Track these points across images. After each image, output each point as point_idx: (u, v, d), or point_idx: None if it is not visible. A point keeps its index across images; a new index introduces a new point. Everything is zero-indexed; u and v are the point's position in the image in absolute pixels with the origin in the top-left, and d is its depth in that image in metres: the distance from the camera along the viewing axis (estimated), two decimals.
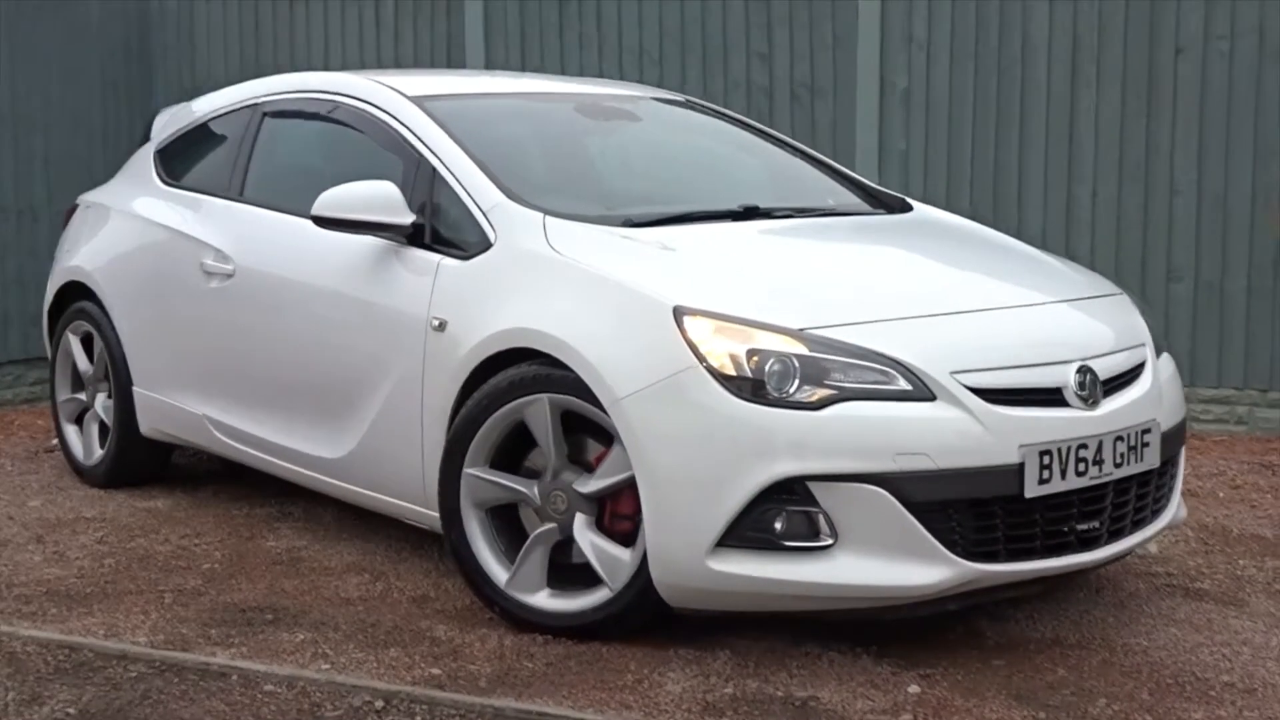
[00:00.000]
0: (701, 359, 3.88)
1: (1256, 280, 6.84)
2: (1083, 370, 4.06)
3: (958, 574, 3.85)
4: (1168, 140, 6.93)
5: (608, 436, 4.14)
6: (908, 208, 5.18)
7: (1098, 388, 4.07)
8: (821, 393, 3.83)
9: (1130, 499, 4.18)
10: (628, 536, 4.15)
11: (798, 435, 3.81)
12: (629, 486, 4.06)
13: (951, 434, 3.83)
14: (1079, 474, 3.98)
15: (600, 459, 4.19)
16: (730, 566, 3.87)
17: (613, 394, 3.96)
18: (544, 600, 4.25)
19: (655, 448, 3.91)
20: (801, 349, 3.88)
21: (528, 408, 4.20)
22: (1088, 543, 4.08)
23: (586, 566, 4.23)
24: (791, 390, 3.84)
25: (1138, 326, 4.47)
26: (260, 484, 5.71)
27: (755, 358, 3.87)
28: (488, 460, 4.31)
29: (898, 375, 3.86)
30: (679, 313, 3.95)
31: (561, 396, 4.14)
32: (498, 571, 4.31)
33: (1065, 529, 4.02)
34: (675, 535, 3.91)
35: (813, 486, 3.82)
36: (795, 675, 3.97)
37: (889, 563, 3.82)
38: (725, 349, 3.89)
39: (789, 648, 4.14)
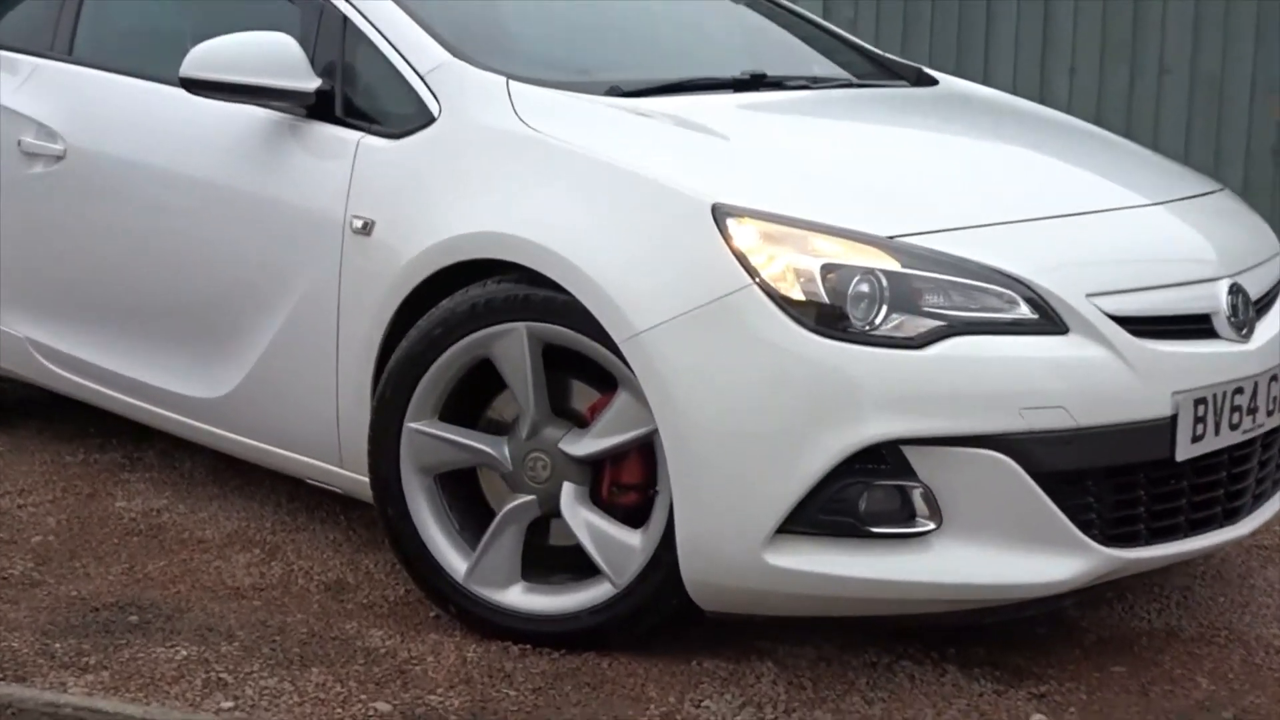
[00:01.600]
0: (755, 276, 2.82)
1: (1253, 173, 6.02)
2: (1235, 290, 3.10)
3: (1096, 564, 2.89)
4: (1158, 12, 6.04)
5: (604, 379, 3.07)
6: (931, 80, 4.15)
7: (1250, 311, 3.12)
8: (923, 325, 2.81)
9: (1274, 455, 3.26)
10: (634, 513, 3.09)
11: (892, 383, 2.78)
12: (639, 447, 3.00)
13: (1093, 379, 2.85)
14: (1232, 427, 3.04)
15: (597, 409, 3.11)
16: (795, 561, 2.85)
17: (629, 326, 2.88)
18: (518, 598, 3.18)
19: (690, 400, 2.84)
20: (893, 264, 2.84)
21: (497, 341, 3.09)
22: (1230, 514, 3.14)
23: (571, 550, 3.17)
24: (880, 321, 2.80)
25: (1264, 230, 3.53)
26: (98, 418, 4.47)
27: (832, 275, 2.82)
28: (437, 411, 3.20)
29: (1019, 300, 2.85)
30: (720, 213, 2.88)
31: (547, 326, 3.04)
32: (453, 560, 3.21)
33: (1211, 499, 3.08)
34: (718, 519, 2.86)
35: (910, 453, 2.80)
36: (872, 698, 2.98)
37: (1009, 553, 2.84)
38: (788, 263, 2.83)
39: (845, 655, 3.14)
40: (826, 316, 2.80)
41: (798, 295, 2.81)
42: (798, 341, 2.80)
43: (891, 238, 2.88)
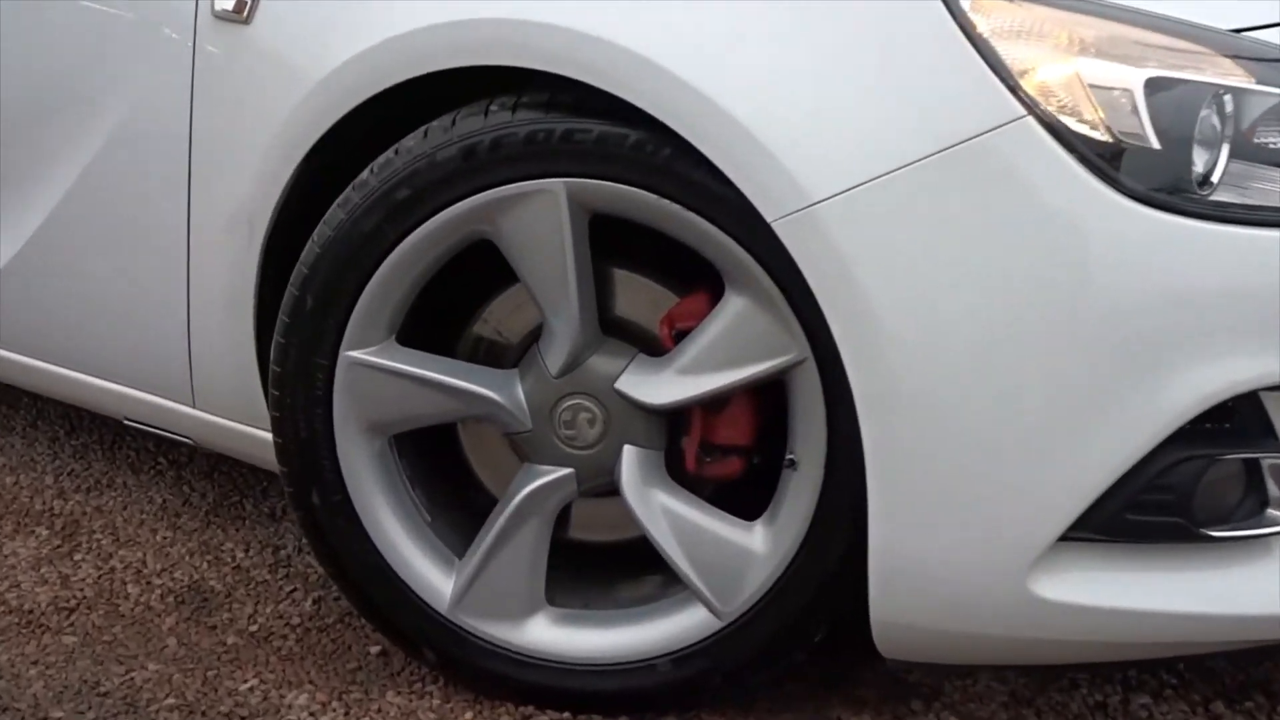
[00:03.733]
0: (1028, 101, 1.57)
1: None
2: None
3: None
4: None
5: (671, 272, 1.82)
6: None
7: None
8: None
9: None
10: (729, 493, 1.87)
11: (1262, 292, 1.59)
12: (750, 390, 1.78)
13: None
14: None
15: (679, 323, 1.84)
16: (1078, 591, 1.67)
17: (795, 192, 1.60)
18: (545, 634, 1.92)
19: (903, 319, 1.60)
20: (1248, 81, 1.62)
21: (509, 212, 1.77)
22: None
23: (612, 552, 1.95)
24: (1226, 181, 1.60)
25: None
26: None
27: (1162, 97, 1.59)
28: (394, 330, 1.87)
29: None
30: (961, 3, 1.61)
31: (604, 187, 1.74)
32: (427, 575, 1.93)
33: None
34: (948, 516, 1.65)
35: (1274, 406, 1.63)
36: None
37: None
38: (1082, 79, 1.59)
39: (1049, 693, 2.01)
40: (1153, 171, 1.58)
41: (1100, 135, 1.58)
42: (1105, 214, 1.57)
43: (1239, 32, 1.66)
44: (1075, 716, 1.98)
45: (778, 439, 1.86)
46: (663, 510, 1.84)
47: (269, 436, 2.03)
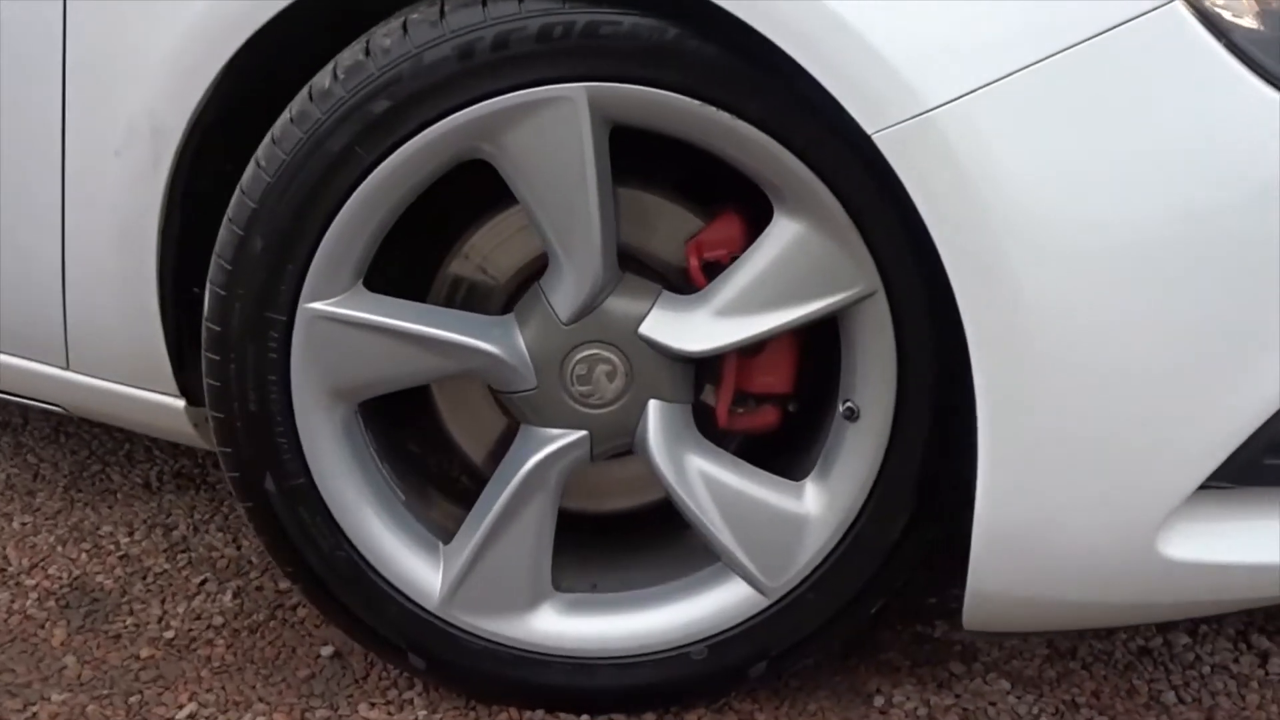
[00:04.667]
0: None
1: None
2: None
3: None
4: None
5: (683, 188, 1.54)
6: None
7: None
8: None
9: None
10: (759, 448, 1.61)
11: None
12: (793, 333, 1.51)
13: None
14: None
15: (710, 250, 1.55)
16: (1208, 549, 1.45)
17: (909, 97, 1.31)
18: (554, 625, 1.62)
19: (1031, 239, 1.34)
20: None
21: (513, 126, 1.43)
22: None
23: (614, 521, 1.67)
24: None
25: None
26: None
27: None
28: (360, 273, 1.52)
29: None
30: None
31: (632, 92, 1.42)
32: (412, 568, 1.60)
33: None
34: (1073, 469, 1.41)
35: None
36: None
37: None
38: None
39: (1091, 642, 1.82)
40: None
41: (1250, 23, 1.34)
42: (1258, 110, 1.34)
43: None
44: (1123, 664, 1.79)
45: (817, 383, 1.60)
46: (699, 474, 1.56)
47: (170, 401, 1.67)
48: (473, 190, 1.56)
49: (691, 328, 1.52)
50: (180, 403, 1.71)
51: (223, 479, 2.05)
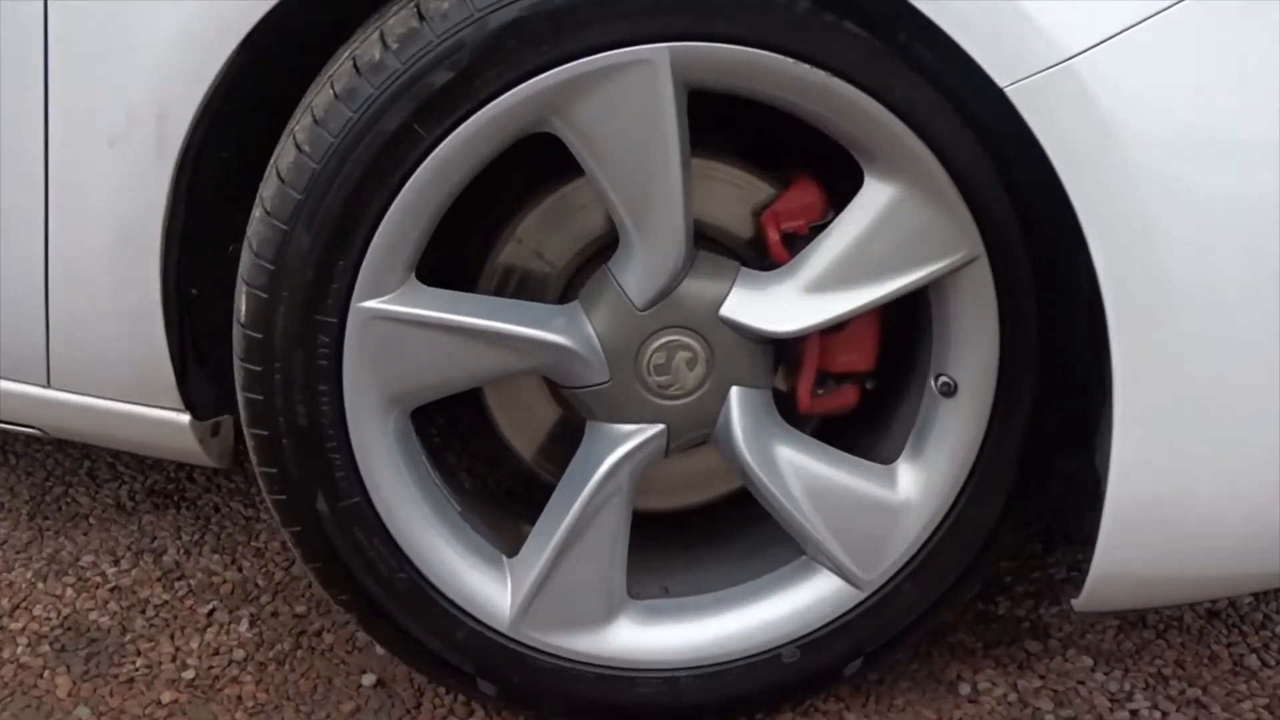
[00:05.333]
0: None
1: None
2: None
3: None
4: None
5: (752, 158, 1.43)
6: None
7: None
8: None
9: None
10: (836, 430, 1.51)
11: None
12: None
13: None
14: None
15: (788, 221, 1.43)
16: None
17: (1044, 46, 1.21)
18: (633, 639, 1.49)
19: (1181, 185, 1.24)
20: None
21: (595, 91, 1.29)
22: None
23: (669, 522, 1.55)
24: None
25: None
26: None
27: None
28: (412, 265, 1.36)
29: None
30: None
31: (725, 51, 1.28)
32: (480, 589, 1.45)
33: None
34: (1209, 446, 1.32)
35: None
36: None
37: None
38: None
39: (1146, 612, 1.76)
40: None
41: None
42: None
43: None
44: (1196, 630, 1.73)
45: (894, 358, 1.50)
46: (788, 464, 1.44)
47: (173, 416, 1.51)
48: (523, 166, 1.42)
49: (779, 307, 1.40)
50: (185, 417, 1.54)
51: (203, 494, 1.88)
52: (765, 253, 1.43)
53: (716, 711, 1.50)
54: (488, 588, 1.44)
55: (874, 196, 1.36)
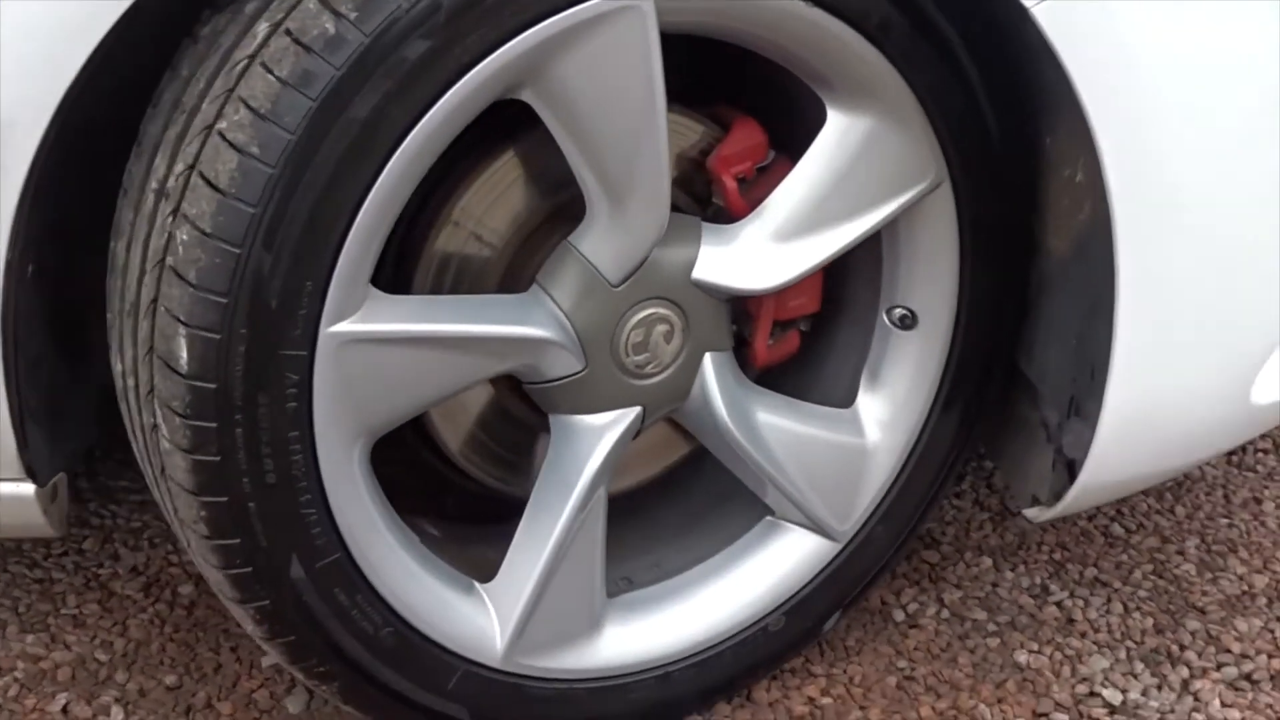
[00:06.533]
0: None
1: None
2: None
3: None
4: None
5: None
6: None
7: None
8: None
9: None
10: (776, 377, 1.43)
11: None
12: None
13: None
14: None
15: (739, 163, 1.31)
16: None
17: None
18: (618, 640, 1.36)
19: (1201, 100, 1.23)
20: None
21: (578, 47, 1.11)
22: None
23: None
24: None
25: None
26: None
27: None
28: (369, 275, 1.14)
29: None
30: None
31: None
32: (468, 626, 1.27)
33: None
34: (1192, 349, 1.33)
35: None
36: None
37: None
38: None
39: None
40: None
41: None
42: None
43: None
44: (1212, 523, 1.76)
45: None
46: (765, 425, 1.34)
47: (13, 488, 1.25)
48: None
49: (752, 260, 1.28)
50: (29, 487, 1.25)
51: (81, 569, 1.56)
52: (723, 203, 1.30)
53: (713, 692, 1.40)
54: (475, 622, 1.27)
55: (841, 129, 1.26)
